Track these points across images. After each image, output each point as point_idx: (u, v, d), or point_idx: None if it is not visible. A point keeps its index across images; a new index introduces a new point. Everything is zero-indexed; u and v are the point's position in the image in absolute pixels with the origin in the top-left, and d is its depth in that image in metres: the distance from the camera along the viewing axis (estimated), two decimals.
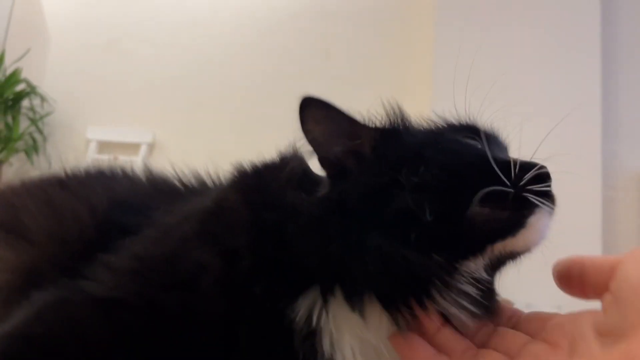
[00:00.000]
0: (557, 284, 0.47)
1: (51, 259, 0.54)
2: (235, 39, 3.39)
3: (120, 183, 0.66)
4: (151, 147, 3.33)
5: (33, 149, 3.23)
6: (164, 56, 3.41)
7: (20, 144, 3.20)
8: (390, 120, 0.54)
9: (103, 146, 3.35)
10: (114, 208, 0.59)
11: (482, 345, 0.48)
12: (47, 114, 3.34)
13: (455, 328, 0.48)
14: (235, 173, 0.56)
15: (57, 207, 0.60)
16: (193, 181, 0.64)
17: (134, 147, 3.29)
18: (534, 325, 0.47)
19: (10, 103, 3.15)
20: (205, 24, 3.44)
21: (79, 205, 0.60)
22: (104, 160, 2.85)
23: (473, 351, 0.47)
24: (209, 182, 0.63)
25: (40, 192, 0.65)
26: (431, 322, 0.46)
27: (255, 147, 0.60)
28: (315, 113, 0.50)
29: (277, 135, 0.58)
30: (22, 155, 3.23)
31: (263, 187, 0.51)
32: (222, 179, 0.61)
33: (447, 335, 0.47)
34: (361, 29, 3.29)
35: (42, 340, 0.44)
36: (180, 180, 0.64)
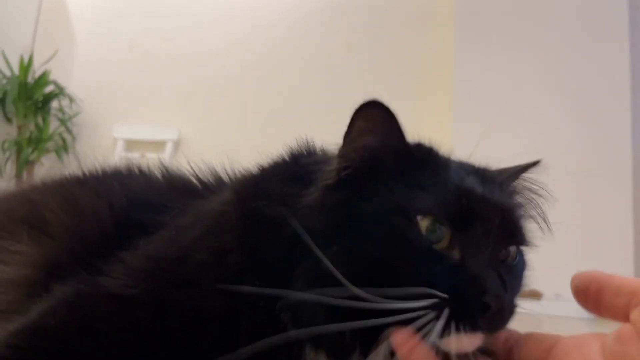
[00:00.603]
0: (573, 296, 0.45)
1: (71, 254, 0.56)
2: (256, 34, 3.41)
3: (137, 181, 0.67)
4: (177, 144, 3.37)
5: (63, 148, 3.30)
6: (187, 53, 3.44)
7: (50, 144, 3.27)
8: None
9: (130, 144, 3.40)
10: (131, 205, 0.60)
11: None
12: (76, 114, 3.40)
13: None
14: (240, 174, 0.58)
15: (76, 203, 0.61)
16: (210, 178, 0.64)
17: (160, 145, 3.34)
18: (534, 351, 0.44)
19: (40, 104, 3.22)
20: (226, 20, 3.46)
21: (98, 202, 0.61)
22: (132, 158, 2.90)
23: None
24: (225, 178, 0.63)
25: (60, 190, 0.66)
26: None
27: (279, 138, 0.60)
28: (374, 117, 0.47)
29: (301, 128, 0.58)
30: (52, 155, 3.30)
31: (256, 190, 0.52)
32: (238, 174, 0.62)
33: None
34: (382, 21, 3.27)
35: (57, 334, 0.45)
36: (197, 177, 0.65)
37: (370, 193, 0.46)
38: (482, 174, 0.51)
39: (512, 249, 0.48)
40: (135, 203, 0.60)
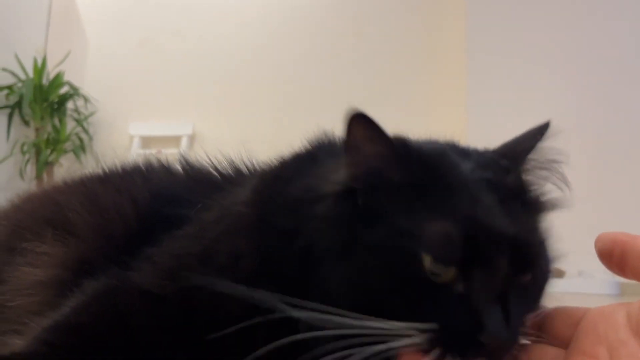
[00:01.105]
0: (598, 257, 0.44)
1: (98, 252, 0.56)
2: (267, 25, 3.40)
3: (158, 175, 0.68)
4: (192, 138, 3.39)
5: (80, 148, 3.33)
6: (198, 47, 3.45)
7: (68, 145, 3.31)
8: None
9: (146, 141, 3.43)
10: (154, 200, 0.60)
11: None
12: (91, 114, 3.44)
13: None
14: (261, 168, 0.57)
15: (99, 202, 0.62)
16: (229, 169, 0.64)
17: (175, 140, 3.36)
18: (561, 327, 0.44)
19: (55, 106, 3.26)
20: (235, 12, 3.46)
21: (121, 199, 0.61)
22: (148, 154, 2.92)
23: None
24: (244, 170, 0.63)
25: (82, 189, 0.66)
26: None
27: (294, 127, 0.60)
28: (364, 132, 0.45)
29: (315, 117, 0.58)
30: (70, 155, 3.34)
31: (273, 191, 0.52)
32: (257, 165, 0.62)
33: None
34: (392, 7, 3.23)
35: (89, 329, 0.46)
36: (216, 169, 0.65)
37: (374, 217, 0.43)
38: (499, 180, 0.46)
39: (528, 274, 0.44)
40: (158, 198, 0.61)
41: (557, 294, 0.52)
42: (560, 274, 2.25)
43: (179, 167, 0.68)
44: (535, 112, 2.43)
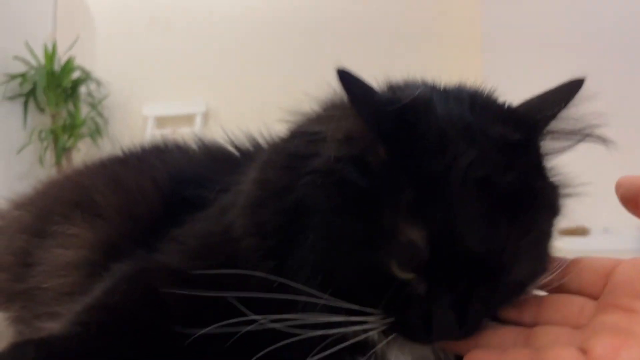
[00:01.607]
0: (621, 203, 0.43)
1: (124, 234, 0.57)
2: None
3: (176, 156, 0.68)
4: (206, 116, 3.39)
5: (96, 132, 3.36)
6: (206, 23, 3.42)
7: (84, 130, 3.34)
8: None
9: (160, 121, 3.44)
10: (174, 182, 0.61)
11: (534, 322, 0.44)
12: (104, 97, 3.45)
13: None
14: (275, 138, 0.57)
15: (123, 184, 0.63)
16: (247, 144, 0.65)
17: (189, 119, 3.36)
18: (591, 280, 0.43)
19: (69, 91, 3.28)
20: None
21: (143, 181, 0.62)
22: (163, 135, 2.94)
23: (524, 334, 0.43)
24: (263, 143, 0.63)
25: (104, 172, 0.67)
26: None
27: (307, 98, 0.59)
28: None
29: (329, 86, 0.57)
30: (87, 140, 3.38)
31: (271, 158, 0.52)
32: (275, 138, 0.61)
33: (490, 333, 0.44)
34: None
35: (121, 309, 0.46)
36: (234, 145, 0.65)
37: (357, 191, 0.42)
38: (493, 182, 0.40)
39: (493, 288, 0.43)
40: (178, 179, 0.61)
41: (582, 252, 0.51)
42: (583, 232, 2.23)
43: (195, 147, 0.69)
44: (552, 58, 2.38)
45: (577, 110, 0.45)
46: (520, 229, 0.41)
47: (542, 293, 0.47)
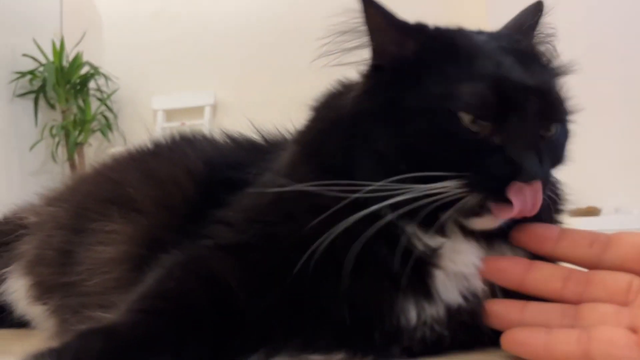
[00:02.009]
0: None
1: (163, 225, 0.58)
2: None
3: (206, 145, 0.69)
4: (214, 108, 3.40)
5: (107, 127, 3.38)
6: (214, 16, 3.42)
7: (94, 125, 3.37)
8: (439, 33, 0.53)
9: (169, 114, 3.46)
10: (208, 169, 0.62)
11: (577, 301, 0.45)
12: (113, 92, 3.47)
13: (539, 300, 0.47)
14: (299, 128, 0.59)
15: (156, 175, 0.63)
16: (272, 135, 0.67)
17: (198, 111, 3.37)
18: (628, 254, 0.44)
19: (78, 87, 3.30)
20: None
21: (176, 171, 0.62)
22: (172, 128, 2.94)
23: (571, 312, 0.44)
24: (286, 134, 0.65)
25: (136, 165, 0.68)
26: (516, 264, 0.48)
27: (316, 89, 0.59)
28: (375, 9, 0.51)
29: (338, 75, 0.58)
30: (98, 134, 3.40)
31: (315, 119, 0.56)
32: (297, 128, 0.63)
33: (534, 311, 0.46)
34: None
35: (176, 294, 0.46)
36: (260, 135, 0.67)
37: (406, 87, 0.48)
38: (513, 47, 0.51)
39: (553, 126, 0.50)
40: (211, 165, 0.62)
41: (594, 231, 0.51)
42: (595, 212, 2.20)
43: (220, 138, 0.70)
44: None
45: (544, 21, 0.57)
46: (548, 76, 0.51)
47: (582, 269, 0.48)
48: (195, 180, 0.61)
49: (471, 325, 0.49)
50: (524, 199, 0.44)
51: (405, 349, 0.49)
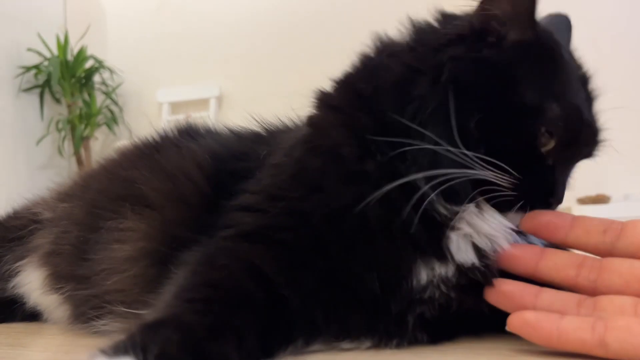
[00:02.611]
0: None
1: (178, 220, 0.58)
2: None
3: (210, 138, 0.70)
4: (219, 100, 3.39)
5: (112, 120, 3.39)
6: (218, 8, 3.40)
7: (100, 118, 3.37)
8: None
9: (174, 107, 3.46)
10: (216, 160, 0.62)
11: (591, 288, 0.45)
12: (118, 85, 3.47)
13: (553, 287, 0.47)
14: (314, 98, 0.58)
15: (166, 170, 0.63)
16: (274, 125, 0.67)
17: (203, 103, 3.37)
18: None
19: (83, 81, 3.30)
20: None
21: (186, 164, 0.62)
22: (178, 120, 2.94)
23: (588, 303, 0.44)
24: (289, 123, 0.65)
25: (144, 160, 0.68)
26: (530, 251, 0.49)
27: (321, 81, 0.59)
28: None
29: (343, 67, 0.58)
30: (104, 128, 3.41)
31: (346, 88, 0.56)
32: (301, 118, 0.63)
33: (549, 297, 0.45)
34: None
35: (226, 284, 0.46)
36: (261, 126, 0.67)
37: (504, 74, 0.50)
38: (582, 78, 0.56)
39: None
40: (219, 157, 0.62)
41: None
42: (604, 200, 2.19)
43: (223, 130, 0.70)
44: None
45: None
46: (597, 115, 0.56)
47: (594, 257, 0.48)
48: (206, 173, 0.61)
49: (478, 291, 0.50)
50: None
51: (418, 317, 0.50)
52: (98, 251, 0.62)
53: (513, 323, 0.44)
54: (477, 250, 0.49)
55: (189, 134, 0.71)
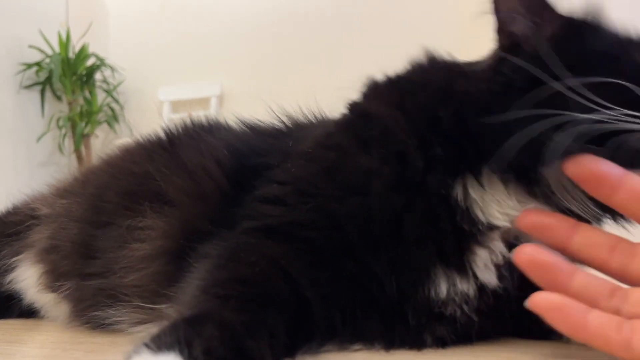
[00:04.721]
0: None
1: (198, 216, 0.57)
2: None
3: (226, 132, 0.68)
4: (220, 98, 3.39)
5: (113, 118, 3.39)
6: (220, 6, 3.40)
7: (101, 116, 3.37)
8: (583, 15, 0.51)
9: (176, 105, 3.45)
10: (235, 155, 0.61)
11: (622, 272, 0.42)
12: (120, 83, 3.47)
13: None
14: (366, 88, 0.58)
15: (185, 165, 0.62)
16: (294, 118, 0.65)
17: (204, 102, 3.37)
18: None
19: (84, 78, 3.30)
20: None
21: (204, 160, 0.61)
22: (179, 119, 2.94)
23: (621, 293, 0.41)
24: (311, 118, 0.64)
25: (159, 156, 0.66)
26: (563, 221, 0.45)
27: (322, 79, 0.59)
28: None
29: (346, 66, 0.57)
30: (104, 126, 3.40)
31: (411, 87, 0.55)
32: (323, 114, 0.62)
33: (583, 280, 0.42)
34: None
35: (256, 279, 0.45)
36: (280, 121, 0.65)
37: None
38: None
39: None
40: (238, 153, 0.61)
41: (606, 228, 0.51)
42: None
43: (237, 126, 0.69)
44: None
45: None
46: None
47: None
48: (225, 169, 0.59)
49: (500, 311, 0.49)
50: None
51: (437, 339, 0.49)
52: (112, 249, 0.61)
53: (539, 303, 0.40)
54: (499, 270, 0.48)
55: (204, 128, 0.70)
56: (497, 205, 0.48)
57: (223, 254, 0.49)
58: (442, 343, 0.49)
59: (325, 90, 0.63)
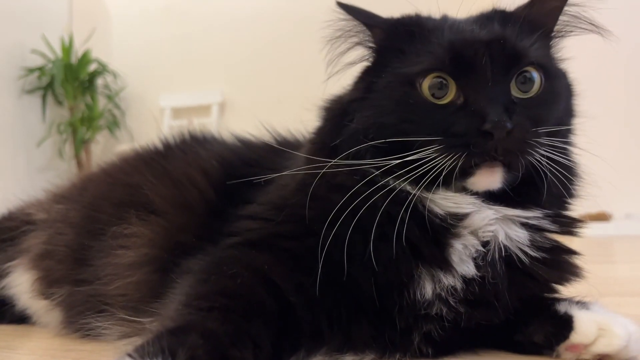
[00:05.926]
0: None
1: (183, 226, 0.58)
2: None
3: (217, 144, 0.70)
4: (222, 106, 3.40)
5: (114, 124, 3.39)
6: (222, 14, 3.42)
7: (102, 122, 3.37)
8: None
9: (177, 112, 3.46)
10: (224, 166, 0.62)
11: None
12: (121, 89, 3.48)
13: None
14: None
15: (171, 176, 0.63)
16: (282, 135, 0.68)
17: (205, 109, 3.38)
18: None
19: (86, 84, 3.31)
20: None
21: (191, 171, 0.62)
22: (180, 125, 2.94)
23: None
24: (296, 135, 0.67)
25: (149, 166, 0.67)
26: None
27: (319, 92, 0.59)
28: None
29: (347, 80, 0.58)
30: (105, 132, 3.41)
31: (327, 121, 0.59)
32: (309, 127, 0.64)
33: None
34: None
35: (239, 292, 0.46)
36: (271, 135, 0.68)
37: (380, 72, 0.54)
38: (486, 20, 0.54)
39: (528, 75, 0.50)
40: (227, 164, 0.63)
41: (604, 237, 0.50)
42: (605, 218, 2.18)
43: (229, 139, 0.71)
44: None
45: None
46: (514, 30, 0.52)
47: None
48: (211, 180, 0.61)
49: (486, 300, 0.49)
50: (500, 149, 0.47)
51: (425, 335, 0.50)
52: (100, 257, 0.61)
53: None
54: (477, 260, 0.49)
55: (195, 140, 0.71)
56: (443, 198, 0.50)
57: (205, 268, 0.50)
58: (429, 339, 0.50)
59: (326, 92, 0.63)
